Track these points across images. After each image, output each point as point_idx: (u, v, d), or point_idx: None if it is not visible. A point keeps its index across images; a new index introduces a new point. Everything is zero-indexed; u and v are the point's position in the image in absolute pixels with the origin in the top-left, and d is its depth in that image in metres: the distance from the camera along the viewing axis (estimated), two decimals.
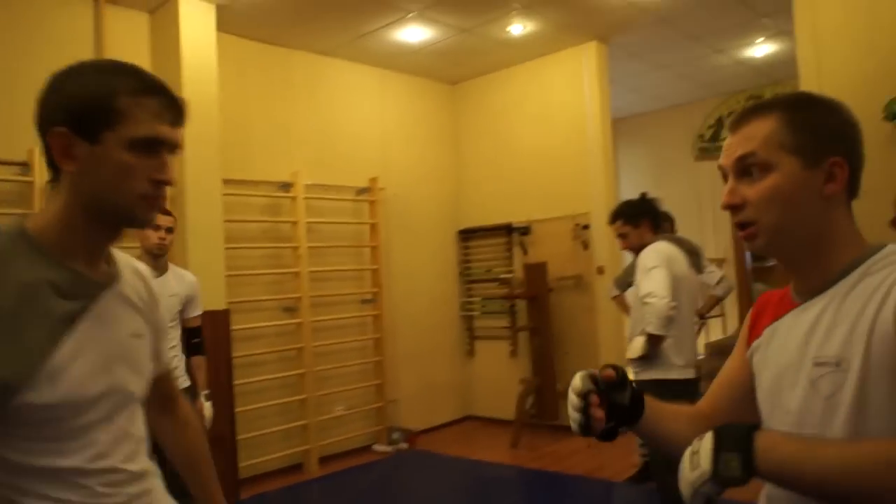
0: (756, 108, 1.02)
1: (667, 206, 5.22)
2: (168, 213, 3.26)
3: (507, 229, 6.21)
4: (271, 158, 5.14)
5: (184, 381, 3.24)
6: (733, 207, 0.99)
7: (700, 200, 7.62)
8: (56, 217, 1.04)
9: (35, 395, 0.94)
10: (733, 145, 1.01)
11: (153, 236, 3.14)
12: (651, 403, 1.12)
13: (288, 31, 5.06)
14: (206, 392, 3.40)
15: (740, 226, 1.00)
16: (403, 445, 5.50)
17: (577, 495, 4.33)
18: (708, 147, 7.61)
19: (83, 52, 4.24)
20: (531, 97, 6.15)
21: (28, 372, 0.94)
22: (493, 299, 6.33)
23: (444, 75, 6.43)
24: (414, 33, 5.30)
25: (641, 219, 3.34)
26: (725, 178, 1.03)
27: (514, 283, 6.14)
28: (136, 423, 1.12)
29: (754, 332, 1.11)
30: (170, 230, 3.21)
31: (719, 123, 7.56)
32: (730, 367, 1.17)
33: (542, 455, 5.15)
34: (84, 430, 1.01)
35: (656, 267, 3.16)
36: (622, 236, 3.39)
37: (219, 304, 4.35)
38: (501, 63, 6.16)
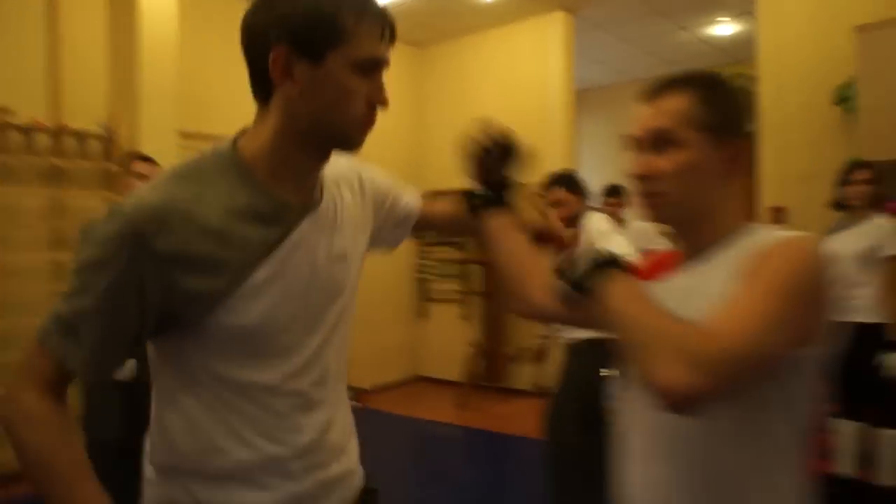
0: (671, 83, 1.05)
1: (625, 178, 5.29)
2: (148, 159, 3.20)
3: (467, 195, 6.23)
4: (232, 112, 4.99)
5: None
6: (645, 177, 1.03)
7: None
8: (266, 140, 1.00)
9: (229, 318, 0.95)
10: (648, 117, 1.03)
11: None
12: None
13: None
14: None
15: (647, 195, 1.04)
16: (353, 403, 5.55)
17: (520, 454, 4.47)
18: None
19: None
20: (497, 64, 6.13)
21: (225, 293, 0.94)
22: (449, 262, 6.39)
23: (410, 37, 6.36)
24: None
25: (579, 188, 3.35)
26: (634, 146, 1.06)
27: (470, 248, 6.20)
28: (328, 350, 1.09)
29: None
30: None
31: None
32: None
33: (489, 416, 5.28)
34: (277, 352, 1.01)
35: (613, 231, 3.25)
36: (560, 203, 3.37)
37: None
38: (468, 28, 6.12)
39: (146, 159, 3.19)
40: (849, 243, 3.33)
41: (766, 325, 0.84)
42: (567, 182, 3.37)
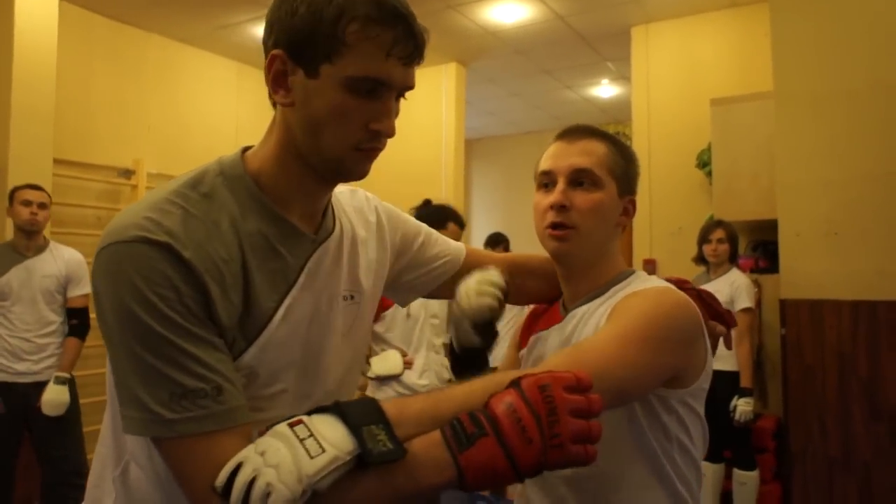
0: (589, 130, 1.13)
1: (513, 226, 5.51)
2: (39, 188, 3.22)
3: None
4: (113, 142, 4.87)
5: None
6: (563, 207, 1.06)
7: None
8: (271, 157, 0.89)
9: (245, 357, 0.84)
10: (569, 155, 1.09)
11: (24, 212, 3.10)
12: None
13: (143, 12, 4.84)
14: (60, 374, 3.19)
15: (558, 226, 1.07)
16: None
17: None
18: None
19: None
20: None
21: (257, 335, 0.84)
22: None
23: None
24: None
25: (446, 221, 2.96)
26: (546, 181, 1.11)
27: None
28: (322, 400, 0.89)
29: (523, 340, 1.21)
30: (42, 206, 3.17)
31: None
32: (505, 361, 1.27)
33: None
34: (262, 404, 0.86)
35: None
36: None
37: None
38: None
39: (34, 186, 3.20)
40: None
41: (617, 363, 0.89)
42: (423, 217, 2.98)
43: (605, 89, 6.70)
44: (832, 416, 3.48)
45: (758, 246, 4.26)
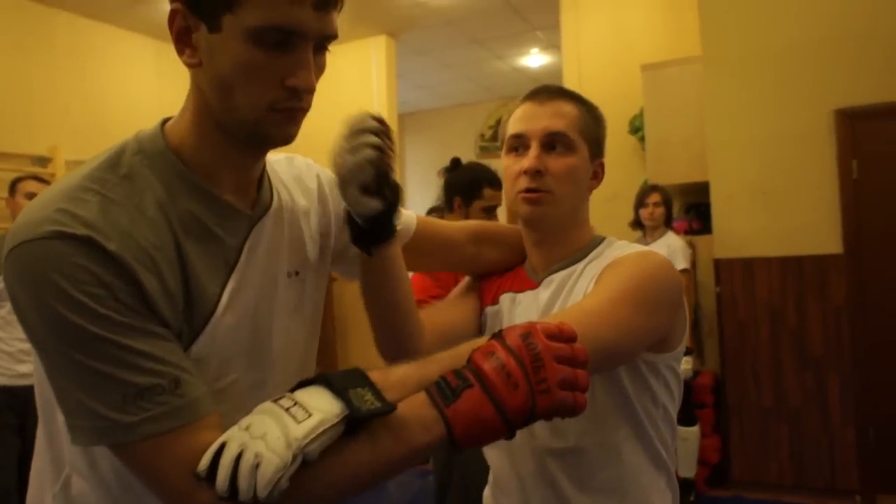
0: (560, 91, 1.09)
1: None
2: (44, 180, 3.14)
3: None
4: (23, 128, 4.58)
5: None
6: (537, 173, 1.03)
7: None
8: (190, 127, 0.80)
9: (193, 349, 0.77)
10: (541, 117, 1.05)
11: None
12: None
13: None
14: None
15: (532, 190, 1.04)
16: None
17: None
18: (488, 146, 8.11)
19: None
20: (319, 85, 6.10)
21: (204, 324, 0.77)
22: None
23: None
24: None
25: (480, 188, 2.54)
26: (517, 145, 1.07)
27: None
28: (272, 390, 0.82)
29: (486, 295, 1.17)
30: None
31: (498, 124, 8.09)
32: (452, 315, 1.15)
33: None
34: (219, 392, 0.79)
35: None
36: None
37: None
38: None
39: (39, 179, 3.16)
40: None
41: (609, 324, 0.88)
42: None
43: (534, 58, 6.71)
44: (765, 368, 3.63)
45: (690, 208, 4.37)
